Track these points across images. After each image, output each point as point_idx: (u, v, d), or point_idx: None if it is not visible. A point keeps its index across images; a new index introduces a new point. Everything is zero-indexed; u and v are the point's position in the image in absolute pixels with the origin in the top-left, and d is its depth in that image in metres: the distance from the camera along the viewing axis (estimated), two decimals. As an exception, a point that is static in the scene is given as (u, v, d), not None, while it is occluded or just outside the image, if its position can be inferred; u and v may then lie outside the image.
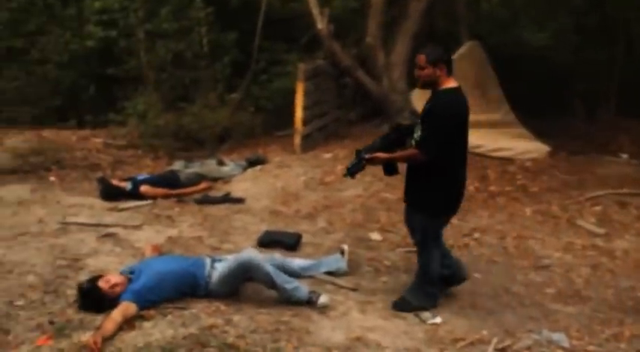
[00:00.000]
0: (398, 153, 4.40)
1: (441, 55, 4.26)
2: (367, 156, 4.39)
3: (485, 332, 4.26)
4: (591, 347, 4.14)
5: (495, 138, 8.93)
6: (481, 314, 4.62)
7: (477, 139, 8.62)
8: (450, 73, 4.28)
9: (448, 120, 4.20)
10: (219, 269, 4.53)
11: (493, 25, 12.72)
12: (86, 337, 3.84)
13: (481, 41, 10.11)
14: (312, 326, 4.19)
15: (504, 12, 12.76)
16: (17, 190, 7.25)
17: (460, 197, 4.51)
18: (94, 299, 4.27)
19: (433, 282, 4.59)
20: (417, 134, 4.30)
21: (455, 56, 9.63)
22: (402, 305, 4.58)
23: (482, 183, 7.61)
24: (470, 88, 9.49)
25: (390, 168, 4.53)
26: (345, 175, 4.54)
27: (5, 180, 7.74)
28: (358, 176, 4.57)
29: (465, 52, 9.70)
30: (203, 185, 7.32)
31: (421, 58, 4.27)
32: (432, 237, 4.50)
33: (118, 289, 4.29)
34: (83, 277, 4.76)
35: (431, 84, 4.30)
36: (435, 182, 4.30)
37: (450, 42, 11.02)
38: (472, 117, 8.97)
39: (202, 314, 4.22)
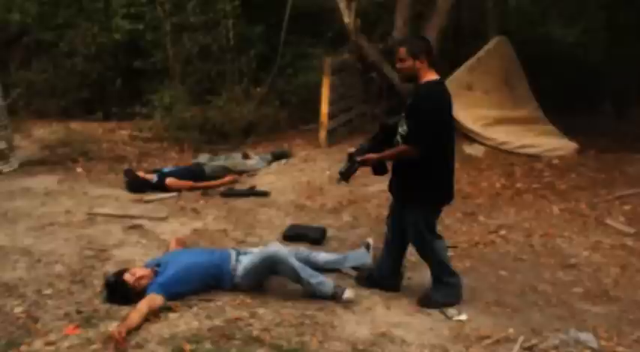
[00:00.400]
0: (388, 152, 4.32)
1: (421, 47, 4.18)
2: (359, 158, 4.38)
3: (511, 331, 4.19)
4: (620, 349, 4.06)
5: (522, 135, 8.83)
6: (507, 311, 4.55)
7: (504, 135, 8.57)
8: (431, 65, 4.21)
9: (436, 112, 4.13)
10: (244, 263, 4.52)
11: (521, 21, 12.60)
12: (112, 327, 3.87)
13: (509, 37, 9.99)
14: (337, 321, 4.18)
15: (533, 7, 12.62)
16: (45, 181, 7.34)
17: (452, 186, 4.47)
18: (120, 292, 4.30)
19: (451, 272, 4.55)
20: (403, 128, 4.23)
21: (482, 51, 9.55)
22: (428, 302, 4.54)
23: (509, 179, 7.52)
24: (497, 83, 9.44)
25: (379, 168, 4.51)
26: (339, 180, 4.55)
27: (34, 170, 7.84)
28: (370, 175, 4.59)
29: (492, 47, 9.59)
30: (228, 178, 7.36)
31: (401, 51, 4.19)
32: (430, 231, 4.45)
33: (143, 282, 4.32)
34: (109, 268, 4.83)
35: (412, 77, 4.22)
36: (428, 175, 4.23)
37: (477, 37, 10.94)
38: (499, 113, 9.12)
39: (227, 307, 4.24)
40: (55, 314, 4.14)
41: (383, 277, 4.75)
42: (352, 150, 4.52)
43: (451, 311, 4.45)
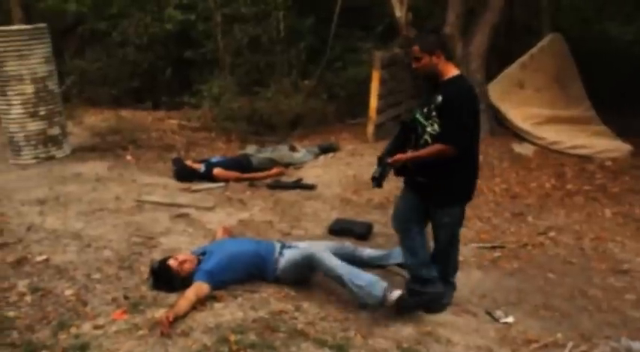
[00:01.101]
0: (423, 152, 4.10)
1: (435, 42, 4.05)
2: (390, 160, 4.21)
3: (559, 336, 4.14)
4: (675, 360, 3.96)
5: (574, 135, 8.66)
6: (555, 316, 4.48)
7: (555, 135, 8.42)
8: (448, 58, 4.08)
9: (466, 109, 4.01)
10: (285, 257, 4.50)
11: (575, 18, 12.32)
12: (159, 314, 3.91)
13: (562, 34, 9.78)
14: (382, 318, 4.14)
15: (588, 4, 12.33)
16: (96, 167, 7.46)
17: (476, 185, 4.36)
18: (164, 276, 4.34)
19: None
20: (432, 128, 4.06)
21: (536, 48, 9.38)
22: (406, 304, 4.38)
23: (559, 180, 7.39)
24: (549, 81, 9.27)
25: (402, 169, 4.34)
26: (374, 186, 4.37)
27: (85, 157, 7.98)
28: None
29: (546, 44, 9.42)
30: (275, 170, 7.37)
31: (415, 49, 4.08)
32: (458, 231, 4.41)
33: (186, 266, 4.35)
34: (156, 255, 4.88)
35: (432, 74, 4.07)
36: (461, 173, 4.13)
37: (530, 34, 10.73)
38: (550, 112, 8.95)
39: (272, 299, 4.24)
40: (103, 299, 4.20)
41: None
42: (380, 154, 4.37)
43: (498, 312, 4.40)
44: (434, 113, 4.03)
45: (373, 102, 8.46)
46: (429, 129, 4.07)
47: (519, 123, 8.65)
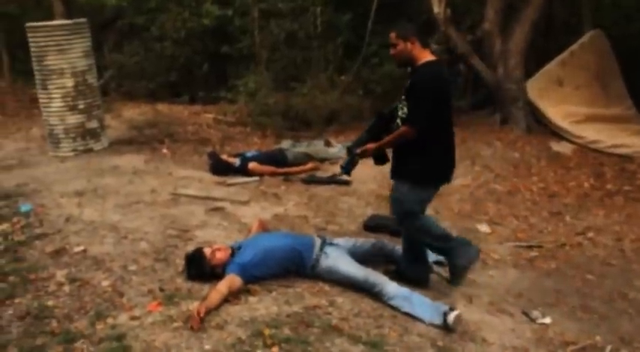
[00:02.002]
0: (386, 139, 4.27)
1: (410, 29, 4.16)
2: (358, 150, 4.33)
3: (598, 338, 4.07)
4: None
5: (614, 134, 8.50)
6: (594, 318, 4.41)
7: (595, 134, 8.29)
8: (424, 45, 4.15)
9: (432, 91, 4.08)
10: (331, 257, 4.43)
11: (617, 15, 12.07)
12: (194, 306, 3.92)
13: (604, 31, 9.58)
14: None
15: (630, 1, 12.04)
16: (133, 160, 7.54)
17: (449, 168, 4.35)
18: (197, 263, 4.36)
19: (442, 236, 4.38)
20: (403, 111, 4.19)
21: (576, 45, 9.23)
22: (398, 274, 4.49)
23: (598, 180, 7.28)
24: (590, 79, 9.11)
25: (380, 158, 4.43)
26: (340, 174, 4.54)
27: (122, 149, 8.08)
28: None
29: (586, 41, 9.25)
30: (310, 165, 7.36)
31: (392, 35, 4.19)
32: (418, 209, 4.35)
33: (219, 255, 4.36)
34: (191, 248, 4.85)
35: (407, 60, 4.18)
36: (423, 152, 4.16)
37: (569, 31, 10.55)
38: (590, 110, 8.82)
39: (306, 294, 4.23)
40: (139, 290, 4.23)
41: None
42: (350, 144, 4.47)
43: (535, 313, 4.33)
44: (403, 97, 4.19)
45: (409, 98, 8.38)
46: (399, 112, 4.23)
47: (558, 122, 8.52)
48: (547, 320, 4.27)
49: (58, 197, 6.12)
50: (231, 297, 4.07)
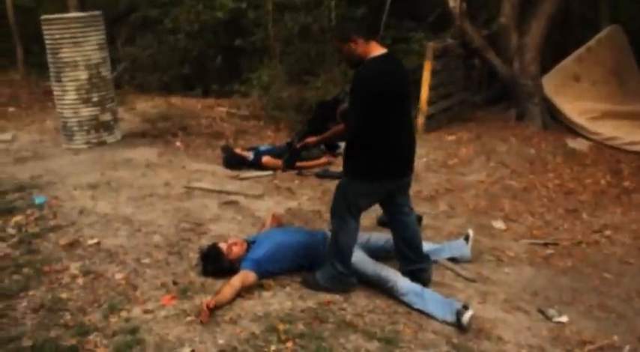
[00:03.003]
0: (325, 134, 4.20)
1: (348, 29, 3.99)
2: (298, 144, 4.25)
3: (615, 338, 4.00)
4: None
5: (632, 131, 8.39)
6: (611, 317, 4.33)
7: (612, 130, 8.20)
8: (368, 39, 3.96)
9: (363, 92, 3.90)
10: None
11: (636, 10, 11.92)
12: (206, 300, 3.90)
13: (622, 26, 9.47)
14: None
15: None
16: (146, 153, 7.55)
17: (396, 164, 4.16)
18: (213, 257, 4.35)
19: (343, 260, 4.21)
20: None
21: (593, 41, 9.12)
22: (309, 283, 4.32)
23: (615, 177, 7.17)
24: (607, 75, 9.02)
25: (333, 147, 4.34)
26: (283, 170, 4.57)
27: (135, 142, 8.08)
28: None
29: (604, 36, 9.14)
30: (324, 159, 7.30)
31: (334, 43, 4.08)
32: (349, 204, 4.15)
33: (235, 249, 4.36)
34: (205, 241, 4.90)
35: (357, 61, 3.99)
36: (364, 148, 4.02)
37: (586, 26, 10.43)
38: (607, 106, 8.73)
39: (321, 289, 4.20)
40: (152, 284, 4.24)
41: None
42: (289, 139, 4.43)
43: (551, 311, 4.27)
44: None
45: (424, 93, 8.32)
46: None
47: (574, 118, 8.44)
48: (563, 318, 4.21)
49: (72, 189, 6.14)
50: (245, 292, 4.06)
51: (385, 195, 4.25)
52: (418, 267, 4.39)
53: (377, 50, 3.99)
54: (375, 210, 5.83)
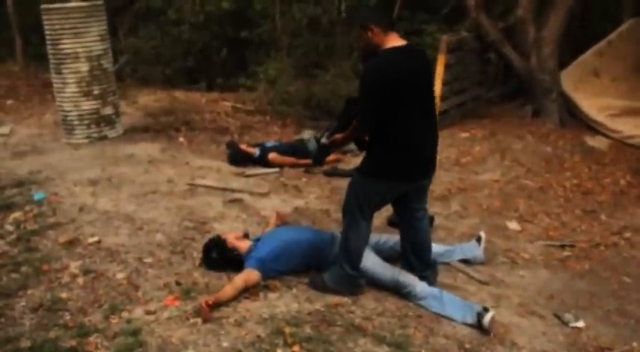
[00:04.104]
0: (348, 131, 3.99)
1: (366, 16, 3.85)
2: (327, 141, 4.09)
3: (635, 344, 3.92)
4: None
5: (654, 129, 8.21)
6: (630, 323, 4.23)
7: (632, 128, 8.07)
8: (387, 28, 3.79)
9: (373, 85, 3.73)
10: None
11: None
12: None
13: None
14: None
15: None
16: (148, 149, 7.45)
17: (412, 166, 3.98)
18: (220, 246, 4.31)
19: (352, 262, 4.09)
20: None
21: (614, 34, 8.97)
22: (316, 284, 4.20)
23: (636, 177, 7.02)
24: (628, 70, 8.86)
25: (360, 144, 4.17)
26: (313, 165, 4.61)
27: (137, 137, 7.97)
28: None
29: (625, 30, 8.96)
30: (332, 156, 7.17)
31: (354, 29, 3.94)
32: (360, 204, 4.03)
33: (241, 244, 4.31)
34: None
35: (372, 51, 3.83)
36: (379, 146, 3.89)
37: (607, 19, 10.26)
38: (628, 103, 8.58)
39: (328, 290, 4.14)
40: (155, 284, 4.17)
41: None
42: (317, 135, 4.30)
43: (567, 316, 4.18)
44: None
45: (437, 88, 8.14)
46: None
47: (593, 115, 8.29)
48: (580, 323, 4.11)
49: (72, 185, 6.05)
50: (250, 293, 3.98)
51: (399, 195, 4.11)
52: (420, 275, 4.26)
53: (395, 42, 3.82)
54: (387, 209, 5.70)
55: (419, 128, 3.90)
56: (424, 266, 4.28)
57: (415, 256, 4.25)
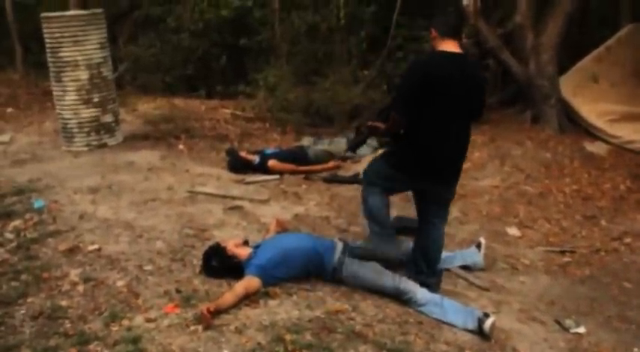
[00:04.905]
0: (389, 124, 4.20)
1: (434, 20, 4.15)
2: (370, 123, 4.36)
3: (636, 350, 3.96)
4: None
5: (653, 134, 8.20)
6: (631, 329, 4.26)
7: (632, 133, 8.05)
8: (444, 34, 4.04)
9: (412, 78, 4.01)
10: (357, 263, 4.28)
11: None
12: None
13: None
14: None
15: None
16: (148, 156, 7.43)
17: (430, 168, 4.14)
18: (219, 256, 4.29)
19: (378, 221, 4.45)
20: None
21: (613, 40, 8.97)
22: (363, 253, 4.35)
23: (635, 182, 7.03)
24: (627, 76, 8.85)
25: (396, 138, 4.36)
26: (347, 151, 4.98)
27: (137, 145, 7.97)
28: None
29: (624, 35, 8.95)
30: (332, 163, 7.21)
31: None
32: (370, 179, 4.45)
33: (240, 251, 4.29)
34: (209, 248, 4.78)
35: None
36: (405, 141, 4.15)
37: (606, 25, 10.28)
38: (627, 108, 8.58)
39: (328, 298, 4.10)
40: (155, 291, 4.14)
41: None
42: (356, 124, 4.56)
43: (568, 321, 4.20)
44: None
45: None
46: None
47: (593, 120, 8.28)
48: (581, 329, 4.14)
49: (72, 193, 6.03)
50: (250, 300, 3.95)
51: (407, 190, 4.46)
52: (424, 280, 4.31)
53: (448, 48, 4.02)
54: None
55: (443, 133, 4.03)
56: (432, 273, 4.36)
57: (423, 260, 4.34)
